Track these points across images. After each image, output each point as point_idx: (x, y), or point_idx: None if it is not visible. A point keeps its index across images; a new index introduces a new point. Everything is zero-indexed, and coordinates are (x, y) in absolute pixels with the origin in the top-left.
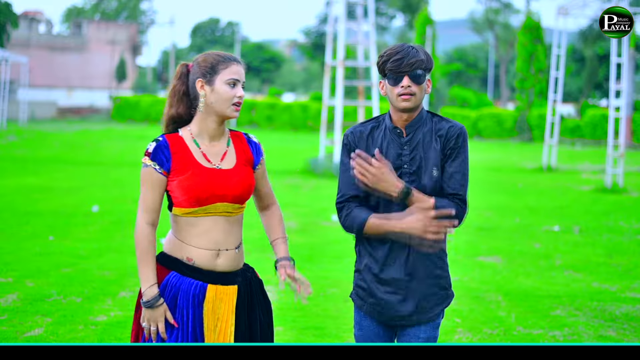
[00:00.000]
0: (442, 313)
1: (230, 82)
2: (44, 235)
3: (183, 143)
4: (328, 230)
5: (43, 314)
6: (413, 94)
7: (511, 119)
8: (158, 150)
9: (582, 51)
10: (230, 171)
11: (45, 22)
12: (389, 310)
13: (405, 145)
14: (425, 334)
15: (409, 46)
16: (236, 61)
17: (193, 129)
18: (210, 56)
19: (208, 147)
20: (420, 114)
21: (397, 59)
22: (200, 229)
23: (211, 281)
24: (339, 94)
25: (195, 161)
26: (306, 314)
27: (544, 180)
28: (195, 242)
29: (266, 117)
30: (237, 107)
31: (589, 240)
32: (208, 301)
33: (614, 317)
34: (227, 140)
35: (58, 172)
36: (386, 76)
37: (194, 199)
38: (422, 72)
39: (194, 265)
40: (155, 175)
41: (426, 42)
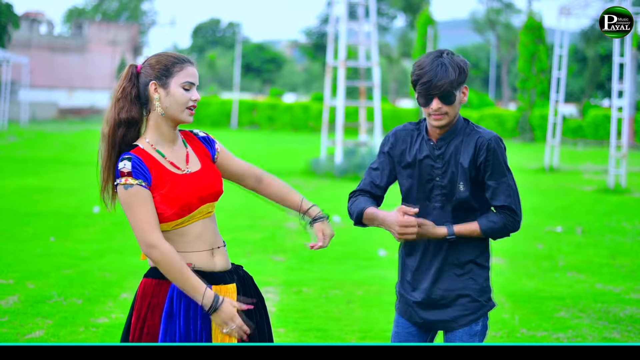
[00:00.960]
0: (479, 322)
1: (185, 86)
2: (44, 237)
3: (150, 157)
4: None
5: (44, 316)
6: (445, 113)
7: (513, 119)
8: (136, 167)
9: (584, 51)
10: (200, 172)
11: (47, 22)
12: (417, 315)
13: (437, 159)
14: (461, 341)
15: (439, 63)
16: (191, 63)
17: (151, 138)
18: (163, 57)
19: (171, 153)
20: (455, 125)
21: (425, 82)
22: (193, 235)
23: (214, 282)
24: (340, 95)
25: (168, 171)
26: (308, 316)
27: (546, 180)
28: (191, 246)
29: (267, 118)
30: (192, 111)
31: (591, 241)
32: None
33: (618, 319)
34: (182, 142)
35: (59, 173)
36: (417, 94)
37: (184, 208)
38: (452, 91)
39: (195, 269)
40: (144, 192)
41: (427, 43)
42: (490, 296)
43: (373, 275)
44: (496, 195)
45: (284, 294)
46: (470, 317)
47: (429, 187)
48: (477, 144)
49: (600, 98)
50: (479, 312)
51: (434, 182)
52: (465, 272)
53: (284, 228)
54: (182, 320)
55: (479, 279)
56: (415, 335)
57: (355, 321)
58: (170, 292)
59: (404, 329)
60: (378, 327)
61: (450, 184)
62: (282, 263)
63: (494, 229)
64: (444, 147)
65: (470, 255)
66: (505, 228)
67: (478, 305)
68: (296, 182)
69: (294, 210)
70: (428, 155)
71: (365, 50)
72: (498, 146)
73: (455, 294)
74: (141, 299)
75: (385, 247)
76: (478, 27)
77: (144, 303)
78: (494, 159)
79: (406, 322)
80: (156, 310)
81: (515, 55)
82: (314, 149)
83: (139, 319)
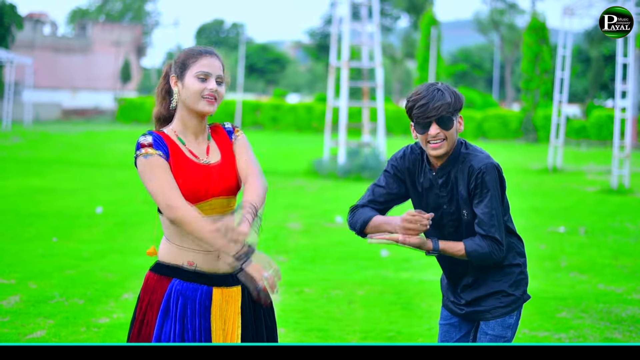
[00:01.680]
0: (513, 315)
1: (199, 76)
2: (47, 237)
3: (171, 140)
4: (332, 232)
5: (45, 316)
6: (443, 138)
7: (516, 119)
8: (157, 141)
9: (587, 52)
10: (219, 165)
11: (50, 23)
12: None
13: (442, 187)
14: (493, 332)
15: (435, 89)
16: (208, 54)
17: (176, 127)
18: (183, 51)
19: (192, 143)
20: (453, 152)
21: (422, 105)
22: None
23: (215, 284)
24: (343, 95)
25: (187, 158)
26: (309, 316)
27: (549, 181)
28: (194, 244)
29: (271, 118)
30: (210, 100)
31: (594, 241)
32: (215, 305)
33: (620, 319)
34: (207, 135)
35: (62, 174)
36: (414, 122)
37: (192, 195)
38: (450, 116)
39: (195, 270)
40: (164, 162)
41: (431, 43)
42: (525, 289)
43: (375, 275)
44: (482, 223)
45: (286, 294)
46: (505, 309)
47: (438, 215)
48: (469, 172)
49: (604, 99)
50: (514, 305)
51: (442, 210)
52: (497, 275)
53: (286, 229)
54: (178, 319)
55: (512, 275)
56: (457, 326)
57: (357, 321)
58: (168, 290)
59: (446, 320)
60: (379, 327)
61: (457, 211)
62: (285, 264)
63: (479, 253)
64: (445, 176)
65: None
66: (490, 255)
67: (513, 299)
68: (299, 183)
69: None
70: (432, 184)
71: (369, 50)
72: (489, 174)
73: (491, 292)
74: (143, 293)
75: (387, 247)
76: (482, 28)
77: (146, 297)
78: (482, 187)
79: (448, 314)
80: (155, 305)
81: (519, 55)
82: (318, 150)
83: (141, 312)
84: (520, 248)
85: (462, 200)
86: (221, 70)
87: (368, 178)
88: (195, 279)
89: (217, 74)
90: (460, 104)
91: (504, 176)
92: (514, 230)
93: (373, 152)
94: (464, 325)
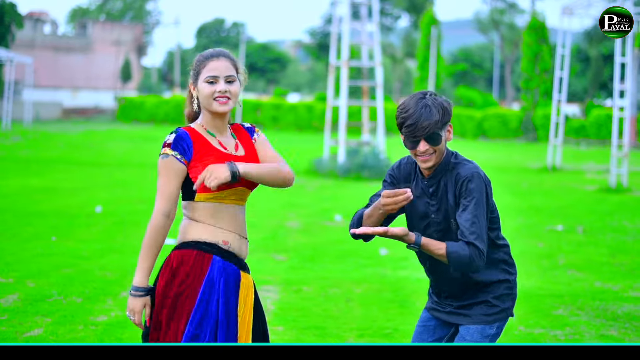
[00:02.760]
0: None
1: (208, 80)
2: (46, 236)
3: (199, 134)
4: (331, 231)
5: (43, 315)
6: (432, 152)
7: (516, 119)
8: (178, 140)
9: (587, 51)
10: (245, 158)
11: (50, 22)
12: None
13: (432, 196)
14: (472, 338)
15: (422, 105)
16: (216, 56)
17: (204, 123)
18: (195, 59)
19: (221, 137)
20: (443, 162)
21: (410, 125)
22: (227, 213)
23: (242, 268)
24: (343, 94)
25: (215, 148)
26: (307, 314)
27: (548, 180)
28: (227, 224)
29: (271, 118)
30: (221, 101)
31: (592, 240)
32: (242, 287)
33: (616, 317)
34: (231, 133)
35: (62, 173)
36: (404, 138)
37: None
38: (438, 132)
39: (229, 250)
40: (176, 165)
41: (431, 43)
42: (511, 305)
43: (373, 273)
44: (464, 230)
45: (284, 292)
46: (488, 318)
47: (424, 224)
48: (456, 179)
49: (603, 98)
50: (497, 315)
51: (429, 219)
52: (483, 288)
53: (285, 227)
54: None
55: (498, 289)
56: (431, 330)
57: (354, 319)
58: (212, 265)
59: (423, 322)
60: (376, 325)
61: (445, 221)
62: (284, 262)
63: (459, 255)
64: (435, 185)
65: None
66: (469, 260)
67: (497, 310)
68: (299, 182)
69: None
70: (423, 192)
71: (368, 50)
72: (474, 182)
73: (475, 301)
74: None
75: (386, 245)
76: (482, 27)
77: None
78: (467, 194)
79: (427, 316)
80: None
81: (519, 55)
82: (318, 149)
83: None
84: (509, 264)
85: (450, 209)
86: (231, 70)
87: (367, 177)
88: (230, 258)
89: (226, 74)
90: (449, 116)
91: (491, 188)
92: (505, 245)
93: (373, 151)
94: (438, 330)
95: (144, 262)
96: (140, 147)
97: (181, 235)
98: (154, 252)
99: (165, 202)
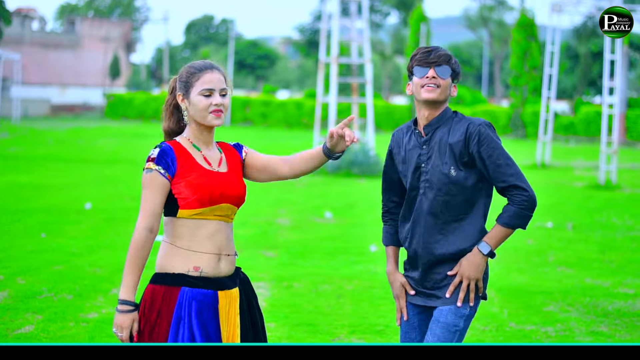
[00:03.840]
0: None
1: (204, 93)
2: (36, 233)
3: (183, 149)
4: (321, 227)
5: (34, 311)
6: (437, 85)
7: (505, 116)
8: (162, 155)
9: (576, 48)
10: (228, 174)
11: (39, 19)
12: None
13: (424, 145)
14: (446, 319)
15: (439, 46)
16: (210, 69)
17: (190, 136)
18: (185, 69)
19: (206, 151)
20: (441, 114)
21: (427, 51)
22: (207, 232)
23: (219, 288)
24: (332, 91)
25: (198, 164)
26: (298, 310)
27: (537, 176)
28: (201, 247)
29: (260, 114)
30: (217, 114)
31: (582, 236)
32: (222, 309)
33: (606, 313)
34: (217, 149)
35: (51, 170)
36: (413, 73)
37: (206, 197)
38: (448, 69)
39: (201, 275)
40: (159, 179)
41: (420, 40)
42: (485, 286)
43: (364, 270)
44: (499, 176)
45: (275, 289)
46: (461, 295)
47: (417, 175)
48: (468, 129)
49: (592, 95)
50: (471, 295)
51: (421, 169)
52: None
53: (275, 224)
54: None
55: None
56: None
57: (345, 316)
58: (179, 299)
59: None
60: (368, 322)
61: (432, 169)
62: (274, 259)
63: (514, 216)
64: (430, 133)
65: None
66: (521, 210)
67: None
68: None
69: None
70: (416, 144)
71: (358, 46)
72: (491, 129)
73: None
74: (150, 305)
75: (377, 242)
76: (471, 24)
77: (154, 309)
78: (488, 141)
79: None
80: (165, 316)
81: (508, 52)
82: (307, 146)
83: (148, 324)
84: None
85: (450, 156)
86: (223, 83)
87: (357, 174)
88: (202, 285)
89: (220, 87)
90: (459, 69)
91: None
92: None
93: (362, 148)
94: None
95: (128, 277)
96: (129, 144)
97: (157, 263)
98: (139, 267)
99: (148, 217)
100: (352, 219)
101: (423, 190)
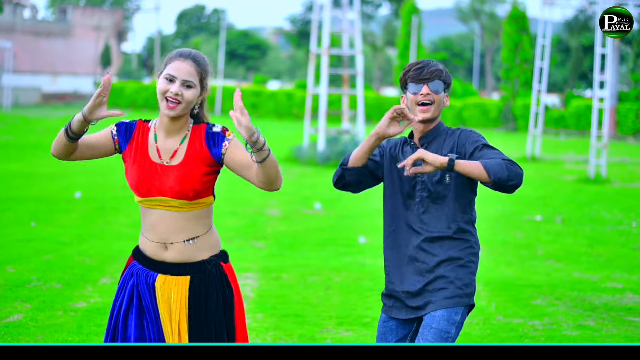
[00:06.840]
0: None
1: (166, 77)
2: (25, 222)
3: (145, 134)
4: (311, 219)
5: (23, 300)
6: (432, 102)
7: (496, 108)
8: (125, 127)
9: (567, 42)
10: (175, 167)
11: (30, 7)
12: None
13: None
14: (438, 325)
15: (430, 60)
16: (184, 58)
17: (157, 122)
18: (168, 53)
19: (163, 142)
20: (436, 127)
21: (419, 67)
22: (148, 221)
23: (161, 271)
24: (323, 82)
25: (146, 153)
26: (286, 301)
27: (527, 170)
28: (147, 233)
29: (251, 105)
30: (170, 105)
31: (571, 230)
32: (157, 290)
33: (594, 307)
34: (182, 137)
35: (41, 159)
36: (407, 88)
37: (139, 188)
38: (441, 84)
39: (146, 255)
40: (107, 135)
41: (412, 31)
42: (473, 292)
43: (352, 261)
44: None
45: (263, 279)
46: (453, 300)
47: (413, 183)
48: (459, 136)
49: (583, 88)
50: (462, 300)
51: (416, 178)
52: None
53: (265, 215)
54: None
55: (460, 272)
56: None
57: (333, 307)
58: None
59: (384, 321)
60: (356, 313)
61: (428, 178)
62: (263, 249)
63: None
64: (425, 144)
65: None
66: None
67: (461, 294)
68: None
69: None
70: (412, 153)
71: (349, 38)
72: (479, 134)
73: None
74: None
75: (366, 234)
76: (462, 17)
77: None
78: (478, 140)
79: (385, 317)
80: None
81: (499, 45)
82: (297, 136)
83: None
84: (474, 253)
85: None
86: (192, 76)
87: None
88: (146, 264)
89: (184, 78)
90: (450, 80)
91: None
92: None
93: (352, 139)
94: (400, 329)
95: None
96: None
97: None
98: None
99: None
100: (341, 210)
101: (420, 198)
